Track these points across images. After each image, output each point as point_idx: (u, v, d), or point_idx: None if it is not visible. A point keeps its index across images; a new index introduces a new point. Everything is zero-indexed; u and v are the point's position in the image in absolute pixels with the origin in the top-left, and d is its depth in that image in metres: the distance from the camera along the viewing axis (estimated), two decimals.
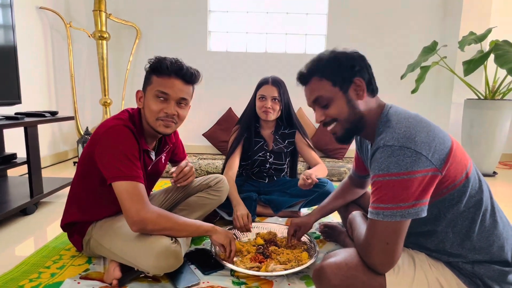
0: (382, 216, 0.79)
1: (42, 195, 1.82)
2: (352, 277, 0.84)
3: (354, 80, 0.90)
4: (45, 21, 2.85)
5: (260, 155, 1.76)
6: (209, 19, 3.41)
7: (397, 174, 0.77)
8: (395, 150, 0.78)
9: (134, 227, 1.03)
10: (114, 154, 1.04)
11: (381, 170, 0.79)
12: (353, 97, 0.91)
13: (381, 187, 0.79)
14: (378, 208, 0.79)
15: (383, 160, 0.79)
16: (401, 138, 0.79)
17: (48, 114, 1.91)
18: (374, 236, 0.81)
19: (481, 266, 0.85)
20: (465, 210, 0.84)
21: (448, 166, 0.79)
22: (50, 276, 1.14)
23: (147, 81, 1.15)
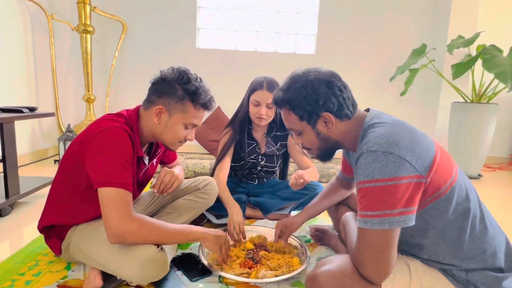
0: (371, 224, 0.76)
1: (18, 196, 1.72)
2: (347, 286, 0.82)
3: (321, 115, 0.90)
4: (25, 12, 2.72)
5: (252, 157, 1.71)
6: (198, 15, 3.34)
7: (381, 180, 0.75)
8: (379, 155, 0.76)
9: (111, 239, 0.95)
10: (106, 158, 0.97)
11: (366, 177, 0.77)
12: (322, 130, 0.92)
13: (367, 194, 0.77)
14: (366, 216, 0.77)
15: (367, 166, 0.77)
16: (384, 143, 0.77)
17: (26, 109, 1.81)
18: (365, 246, 0.79)
19: (475, 273, 0.83)
20: (453, 220, 0.82)
21: (432, 173, 0.78)
22: (25, 284, 1.06)
23: (179, 105, 1.08)
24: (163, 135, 1.12)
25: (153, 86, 1.11)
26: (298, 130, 0.95)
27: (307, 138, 0.95)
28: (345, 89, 0.92)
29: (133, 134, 1.08)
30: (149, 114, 1.10)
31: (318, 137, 0.93)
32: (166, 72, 1.11)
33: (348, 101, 0.91)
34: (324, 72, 0.92)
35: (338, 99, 0.89)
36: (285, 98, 0.92)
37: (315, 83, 0.89)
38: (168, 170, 1.27)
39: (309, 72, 0.92)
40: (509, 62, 2.43)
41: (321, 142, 0.94)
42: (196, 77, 1.12)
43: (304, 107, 0.90)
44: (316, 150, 0.97)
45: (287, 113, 0.94)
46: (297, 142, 0.98)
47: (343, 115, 0.90)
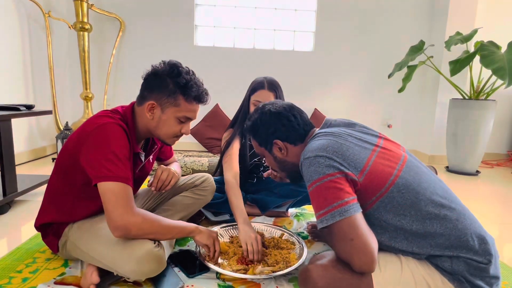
0: (326, 221, 0.83)
1: (16, 194, 1.72)
2: (338, 280, 0.83)
3: (273, 142, 1.06)
4: (22, 10, 2.70)
5: (256, 160, 1.70)
6: (196, 13, 3.33)
7: (319, 179, 0.85)
8: (311, 160, 0.88)
9: (116, 233, 0.95)
10: (103, 153, 0.97)
11: (308, 181, 0.87)
12: (278, 154, 1.07)
13: (313, 196, 0.86)
14: (320, 216, 0.84)
15: (306, 172, 0.88)
16: (314, 149, 0.89)
17: (23, 107, 1.80)
18: (337, 240, 0.84)
19: (458, 263, 0.84)
20: (404, 211, 0.86)
21: (365, 174, 0.86)
22: (22, 281, 1.06)
23: (171, 99, 1.07)
24: (158, 130, 1.11)
25: (145, 81, 1.11)
26: (262, 154, 1.12)
27: (268, 161, 1.12)
28: (295, 118, 1.06)
29: (129, 130, 1.07)
30: (142, 110, 1.10)
31: (276, 161, 1.09)
32: (157, 66, 1.10)
33: (298, 128, 1.05)
34: (280, 104, 1.08)
35: (286, 128, 1.04)
36: (248, 126, 1.11)
37: (267, 115, 1.06)
38: (165, 168, 1.27)
39: (266, 106, 1.09)
40: (507, 58, 2.43)
41: (280, 165, 1.09)
42: (188, 70, 1.11)
43: (260, 135, 1.08)
44: (279, 171, 1.13)
45: (252, 139, 1.12)
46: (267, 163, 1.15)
47: (294, 140, 1.05)
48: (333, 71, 3.40)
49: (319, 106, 3.41)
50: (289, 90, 3.45)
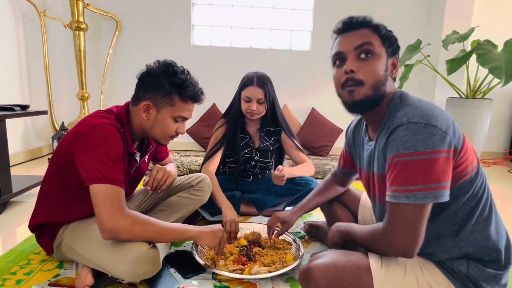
0: (414, 198, 0.74)
1: (10, 195, 1.70)
2: (339, 279, 0.82)
3: (396, 56, 0.89)
4: (17, 9, 2.68)
5: (246, 152, 1.71)
6: (193, 12, 3.31)
7: (424, 153, 0.73)
8: (421, 127, 0.74)
9: (104, 235, 0.94)
10: (96, 154, 0.96)
11: (407, 149, 0.74)
12: (389, 67, 0.87)
13: (408, 167, 0.74)
14: (408, 190, 0.74)
15: (409, 138, 0.74)
16: (425, 116, 0.75)
17: (18, 107, 1.79)
18: (402, 222, 0.76)
19: (476, 269, 0.82)
20: (466, 203, 0.82)
21: (463, 152, 0.78)
22: (16, 283, 1.05)
23: (166, 98, 1.06)
24: (153, 130, 1.10)
25: (139, 81, 1.10)
26: (374, 52, 0.85)
27: (375, 64, 0.84)
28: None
29: (124, 130, 1.07)
30: (137, 110, 1.09)
31: (384, 72, 0.85)
32: (152, 66, 1.09)
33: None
34: None
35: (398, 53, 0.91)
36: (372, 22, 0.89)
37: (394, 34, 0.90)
38: (161, 167, 1.26)
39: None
40: (503, 57, 2.43)
41: (381, 79, 0.85)
42: (183, 69, 1.10)
43: (390, 38, 0.88)
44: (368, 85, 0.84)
45: (370, 32, 0.87)
46: (351, 67, 0.85)
47: (395, 76, 0.90)
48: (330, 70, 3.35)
49: (316, 106, 3.41)
50: (286, 90, 3.47)
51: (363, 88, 0.84)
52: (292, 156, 1.76)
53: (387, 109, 0.87)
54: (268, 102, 1.62)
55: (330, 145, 3.28)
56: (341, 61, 0.89)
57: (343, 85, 0.88)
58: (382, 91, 0.86)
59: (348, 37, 0.88)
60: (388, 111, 0.86)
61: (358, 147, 1.06)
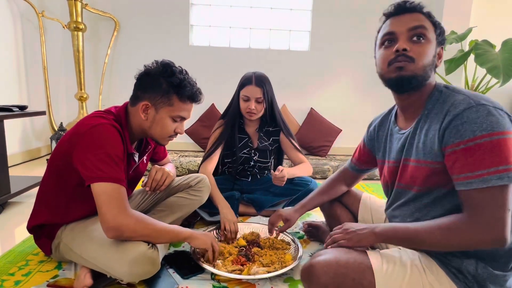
0: (507, 178, 0.71)
1: (9, 195, 1.70)
2: (342, 275, 0.82)
3: (442, 46, 0.91)
4: (15, 10, 2.68)
5: (245, 152, 1.71)
6: (191, 12, 3.31)
7: (503, 133, 0.73)
8: (491, 109, 0.75)
9: (109, 233, 0.94)
10: (97, 154, 0.96)
11: (484, 130, 0.73)
12: (437, 54, 0.89)
13: (492, 147, 0.72)
14: (498, 171, 0.71)
15: (483, 119, 0.74)
16: (488, 99, 0.77)
17: (16, 108, 1.78)
18: (496, 205, 0.73)
19: (484, 269, 0.82)
20: None
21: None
22: (14, 284, 1.05)
23: (164, 98, 1.06)
24: (152, 130, 1.11)
25: (138, 81, 1.10)
26: (427, 36, 0.86)
27: (427, 48, 0.86)
28: None
29: (123, 130, 1.07)
30: (136, 110, 1.09)
31: (433, 58, 0.87)
32: (150, 66, 1.09)
33: None
34: None
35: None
36: (426, 10, 0.91)
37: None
38: (159, 168, 1.26)
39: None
40: (501, 57, 2.44)
41: (430, 63, 0.86)
42: (181, 69, 1.10)
43: (441, 27, 0.90)
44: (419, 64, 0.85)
45: (424, 17, 0.89)
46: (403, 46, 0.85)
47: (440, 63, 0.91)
48: (329, 70, 3.40)
49: (315, 106, 3.41)
50: (285, 90, 3.47)
51: (413, 65, 0.85)
52: (290, 156, 1.76)
53: (431, 96, 0.88)
54: (267, 101, 1.62)
55: (329, 145, 3.28)
56: (391, 41, 0.89)
57: (391, 62, 0.87)
58: (429, 75, 0.87)
59: (401, 19, 0.89)
60: (432, 98, 0.87)
61: (383, 140, 1.06)
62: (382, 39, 0.92)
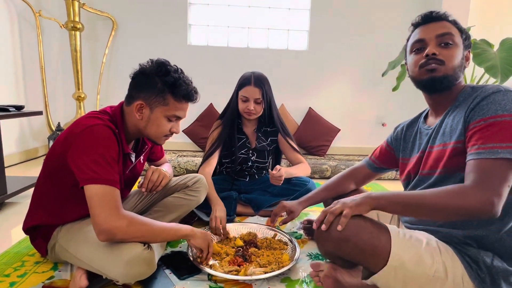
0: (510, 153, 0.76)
1: (5, 196, 1.69)
2: (361, 227, 0.85)
3: (469, 50, 0.96)
4: (12, 9, 2.67)
5: (243, 152, 1.71)
6: (189, 12, 3.30)
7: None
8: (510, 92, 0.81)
9: (101, 236, 0.93)
10: (91, 155, 0.95)
11: (507, 111, 0.79)
12: (465, 57, 0.95)
13: (508, 126, 0.78)
14: (510, 147, 0.76)
15: (508, 102, 0.80)
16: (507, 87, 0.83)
17: (13, 108, 1.77)
18: (497, 176, 0.77)
19: (500, 263, 0.83)
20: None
21: None
22: (9, 286, 1.04)
23: (159, 98, 1.05)
24: (147, 129, 1.10)
25: (133, 80, 1.09)
26: (454, 41, 0.92)
27: (455, 52, 0.92)
28: None
29: (118, 131, 1.06)
30: (131, 110, 1.08)
31: (461, 60, 0.93)
32: (145, 65, 1.08)
33: None
34: None
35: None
36: (451, 17, 0.98)
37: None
38: (156, 168, 1.25)
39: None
40: (499, 57, 2.44)
41: (458, 65, 0.92)
42: (176, 68, 1.09)
43: (466, 32, 0.96)
44: (449, 66, 0.91)
45: (451, 24, 0.95)
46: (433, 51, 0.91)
47: (468, 64, 0.97)
48: (327, 69, 3.40)
49: (314, 105, 3.41)
50: (283, 89, 3.46)
51: (444, 67, 0.91)
52: (288, 157, 1.76)
53: (462, 93, 0.93)
54: (266, 102, 1.61)
55: (328, 145, 3.28)
56: (420, 48, 0.96)
57: (423, 65, 0.93)
58: (458, 75, 0.93)
59: (429, 27, 0.96)
60: (464, 93, 0.92)
61: (411, 139, 1.09)
62: (412, 46, 0.98)
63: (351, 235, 0.84)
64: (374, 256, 0.84)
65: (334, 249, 0.88)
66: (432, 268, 0.84)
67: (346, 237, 0.84)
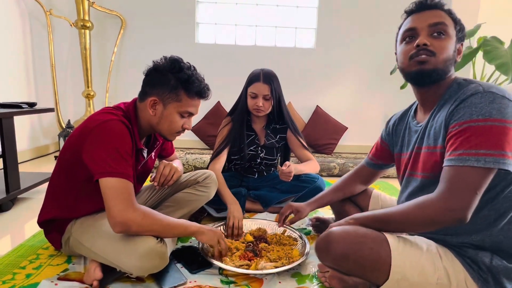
0: (484, 162, 0.74)
1: (19, 191, 1.72)
2: (360, 243, 0.85)
3: (462, 43, 0.92)
4: (23, 8, 2.71)
5: (252, 149, 1.71)
6: (197, 10, 3.32)
7: (500, 120, 0.75)
8: (498, 97, 0.76)
9: (116, 228, 0.95)
10: (106, 149, 0.97)
11: (482, 115, 0.76)
12: (457, 50, 0.91)
13: (481, 132, 0.75)
14: (479, 154, 0.75)
15: (484, 105, 0.76)
16: (500, 89, 0.78)
17: (26, 105, 1.80)
18: (465, 184, 0.76)
19: (499, 262, 0.82)
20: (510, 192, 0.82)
21: None
22: (25, 277, 1.06)
23: (172, 94, 1.07)
24: (160, 125, 1.11)
25: (146, 77, 1.11)
26: (447, 32, 0.88)
27: (447, 43, 0.88)
28: None
29: (132, 126, 1.08)
30: (144, 106, 1.10)
31: (453, 53, 0.89)
32: (159, 62, 1.10)
33: None
34: None
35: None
36: (446, 7, 0.92)
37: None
38: (167, 163, 1.27)
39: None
40: (510, 54, 2.41)
41: (450, 57, 0.88)
42: (189, 65, 1.11)
43: (461, 24, 0.91)
44: (439, 58, 0.87)
45: (445, 14, 0.91)
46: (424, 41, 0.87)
47: (460, 58, 0.93)
48: (334, 68, 3.39)
49: (321, 103, 3.40)
50: (290, 87, 3.46)
51: (434, 59, 0.87)
52: (297, 153, 1.76)
53: (449, 88, 0.89)
54: (274, 98, 1.62)
55: (335, 143, 3.27)
56: (412, 37, 0.91)
57: (413, 56, 0.89)
58: (449, 69, 0.89)
59: (422, 15, 0.91)
60: (450, 89, 0.89)
61: (401, 134, 1.07)
62: (403, 35, 0.94)
63: (350, 252, 0.85)
64: (375, 271, 0.85)
65: (334, 265, 0.90)
66: (435, 276, 0.84)
67: (346, 255, 0.85)
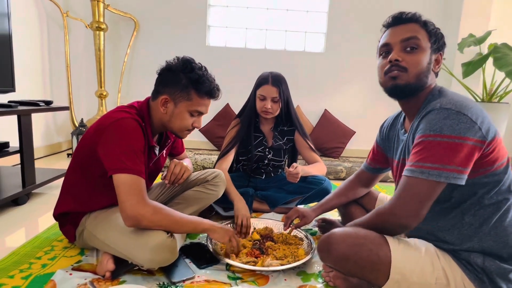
0: (427, 174, 0.79)
1: (34, 186, 1.78)
2: (360, 245, 0.87)
3: (440, 52, 0.94)
4: (42, 10, 2.79)
5: (259, 150, 1.75)
6: (209, 13, 3.38)
7: (449, 136, 0.78)
8: (452, 113, 0.79)
9: (128, 222, 1.00)
10: (119, 146, 1.02)
11: (433, 131, 0.80)
12: (433, 62, 0.93)
13: (430, 147, 0.80)
14: (424, 167, 0.80)
15: (437, 121, 0.80)
16: (458, 104, 0.80)
17: (43, 103, 1.87)
18: (410, 194, 0.82)
19: (492, 262, 0.84)
20: (493, 197, 0.85)
21: (493, 145, 0.81)
22: (41, 267, 1.11)
23: (183, 93, 1.11)
24: (171, 123, 1.16)
25: (159, 76, 1.16)
26: (419, 45, 0.90)
27: (420, 57, 0.90)
28: None
29: (145, 124, 1.12)
30: (156, 104, 1.14)
31: (427, 65, 0.91)
32: (171, 62, 1.15)
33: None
34: None
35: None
36: (422, 18, 0.95)
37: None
38: (178, 162, 1.31)
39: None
40: None
41: (424, 71, 0.90)
42: (201, 66, 1.15)
43: (436, 36, 0.93)
44: (412, 73, 0.89)
45: (418, 27, 0.92)
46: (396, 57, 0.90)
47: (438, 71, 0.95)
48: (343, 72, 3.41)
49: (330, 107, 3.42)
50: (299, 91, 3.49)
51: (406, 75, 0.90)
52: (304, 156, 1.79)
53: (425, 100, 0.92)
54: (283, 101, 1.65)
55: (342, 147, 3.28)
56: (387, 52, 0.94)
57: (387, 72, 0.92)
58: (423, 82, 0.91)
59: (396, 30, 0.94)
60: (425, 102, 0.91)
61: (392, 140, 1.10)
62: (380, 49, 0.97)
63: (350, 254, 0.87)
64: (375, 271, 0.88)
65: (335, 266, 0.93)
66: (433, 276, 0.86)
67: (346, 256, 0.88)
